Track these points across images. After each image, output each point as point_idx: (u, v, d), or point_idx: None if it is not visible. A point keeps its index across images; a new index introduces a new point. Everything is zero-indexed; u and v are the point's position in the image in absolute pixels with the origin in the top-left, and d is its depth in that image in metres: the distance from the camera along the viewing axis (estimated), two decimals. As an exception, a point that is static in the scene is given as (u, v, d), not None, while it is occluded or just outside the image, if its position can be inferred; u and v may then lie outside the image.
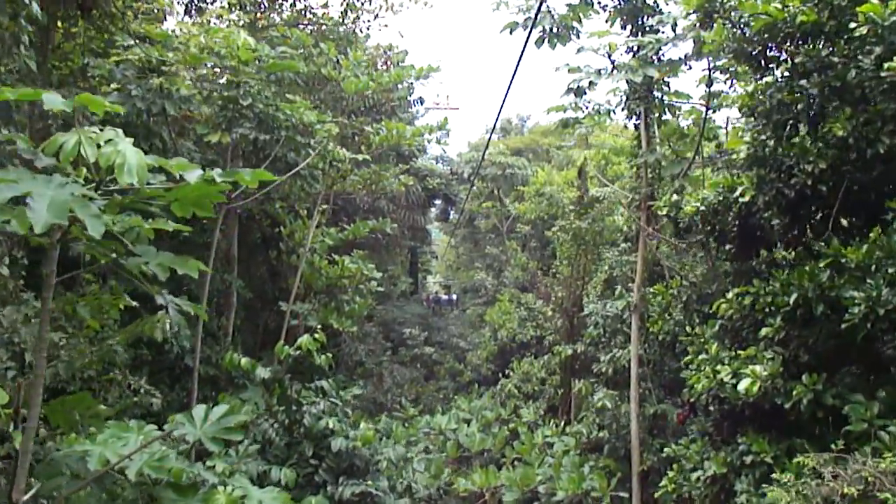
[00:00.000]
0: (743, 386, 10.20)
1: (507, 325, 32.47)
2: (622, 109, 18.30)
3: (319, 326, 21.65)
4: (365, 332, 32.57)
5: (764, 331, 10.72)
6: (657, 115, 17.60)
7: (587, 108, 18.80)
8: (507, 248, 41.70)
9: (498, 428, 22.65)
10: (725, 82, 16.03)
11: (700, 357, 11.69)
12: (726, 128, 19.02)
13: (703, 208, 12.34)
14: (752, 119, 11.93)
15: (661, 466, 16.86)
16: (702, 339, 12.19)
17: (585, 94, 16.71)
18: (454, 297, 50.87)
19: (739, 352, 11.09)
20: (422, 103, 33.72)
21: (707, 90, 15.69)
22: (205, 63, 16.42)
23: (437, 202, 42.97)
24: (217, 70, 17.40)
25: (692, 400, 12.50)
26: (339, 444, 14.24)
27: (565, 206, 27.65)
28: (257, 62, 16.39)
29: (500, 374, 30.83)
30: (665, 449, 13.70)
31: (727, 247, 13.06)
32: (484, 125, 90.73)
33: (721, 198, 12.23)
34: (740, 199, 11.90)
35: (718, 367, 11.05)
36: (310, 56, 21.15)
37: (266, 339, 24.50)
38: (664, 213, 14.44)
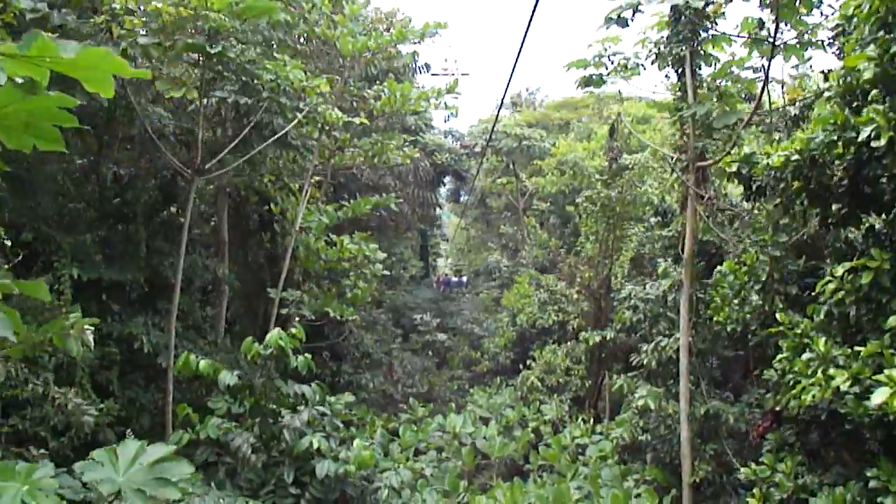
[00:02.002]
0: (879, 399, 7.36)
1: (527, 310, 30.02)
2: (654, 61, 15.80)
3: (312, 316, 19.38)
4: (373, 319, 30.70)
5: (893, 320, 8.03)
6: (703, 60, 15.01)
7: (612, 62, 16.38)
8: (524, 227, 39.25)
9: (521, 430, 19.81)
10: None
11: (805, 356, 8.89)
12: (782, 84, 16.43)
13: (796, 157, 9.48)
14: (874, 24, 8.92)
15: (715, 477, 14.35)
16: (798, 331, 9.42)
17: (628, 24, 14.12)
18: (465, 279, 48.81)
19: (857, 348, 8.36)
20: (428, 70, 31.10)
21: (773, 16, 12.88)
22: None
23: (448, 179, 40.52)
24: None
25: (778, 409, 9.89)
26: (325, 468, 11.43)
27: (591, 176, 24.98)
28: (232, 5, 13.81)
29: (520, 364, 28.46)
30: (742, 470, 11.05)
31: (834, 207, 10.04)
32: (494, 101, 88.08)
33: (828, 142, 9.18)
34: (862, 141, 8.67)
35: (832, 370, 8.32)
36: (301, 16, 18.76)
37: (267, 332, 22.16)
38: (734, 168, 11.68)
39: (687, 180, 14.64)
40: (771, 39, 12.92)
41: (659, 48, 15.83)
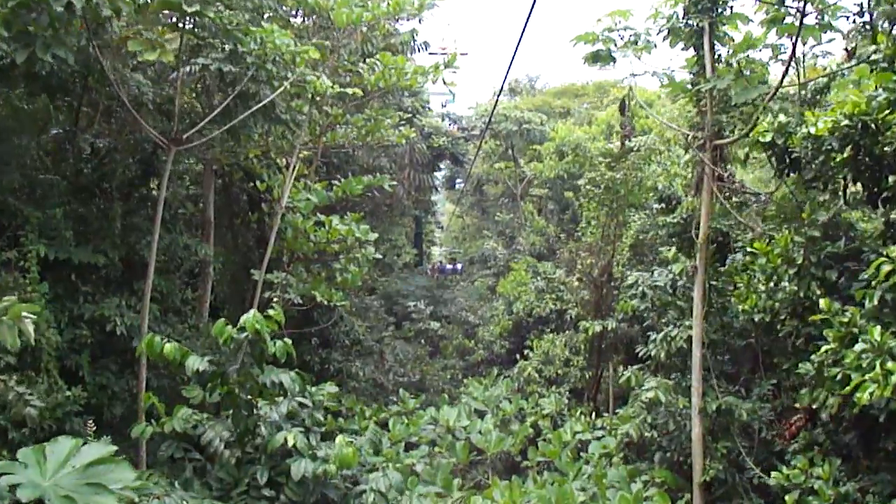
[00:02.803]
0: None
1: (523, 298, 29.11)
2: (666, 37, 14.84)
3: (299, 300, 18.41)
4: (365, 306, 30.01)
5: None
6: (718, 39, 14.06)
7: (622, 38, 15.42)
8: (521, 213, 38.31)
9: (518, 424, 18.62)
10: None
11: (857, 347, 7.79)
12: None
13: (846, 123, 8.39)
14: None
15: (727, 476, 13.39)
16: (844, 320, 8.35)
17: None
18: (459, 266, 48.06)
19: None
20: (427, 48, 30.03)
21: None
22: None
23: (444, 164, 39.59)
24: None
25: (814, 406, 8.88)
26: (302, 468, 10.08)
27: (593, 159, 23.92)
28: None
29: (517, 353, 27.54)
30: (772, 474, 10.06)
31: (892, 180, 8.91)
32: (492, 86, 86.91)
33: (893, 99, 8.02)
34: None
35: (890, 363, 7.26)
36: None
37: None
38: (767, 139, 10.65)
39: (703, 159, 13.60)
40: (796, 15, 11.91)
41: (672, 23, 14.88)
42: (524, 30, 11.12)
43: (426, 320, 34.07)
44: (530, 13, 10.40)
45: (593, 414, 21.13)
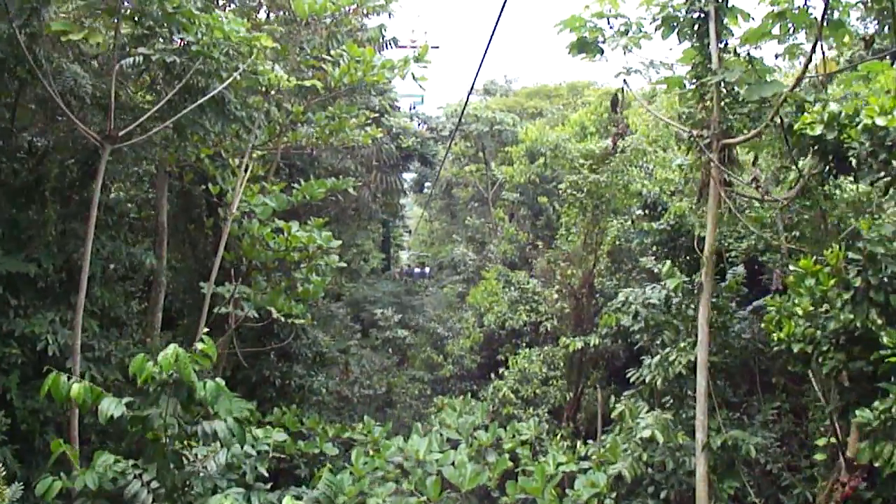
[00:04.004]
0: None
1: (495, 309, 27.60)
2: (660, 26, 13.52)
3: (255, 314, 16.83)
4: (331, 314, 28.53)
5: None
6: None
7: (612, 27, 14.13)
8: (492, 218, 36.97)
9: (495, 454, 16.80)
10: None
11: None
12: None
13: None
14: None
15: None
16: None
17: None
18: (427, 270, 47.08)
19: None
20: (396, 44, 28.46)
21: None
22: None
23: (413, 166, 38.24)
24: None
25: (876, 464, 7.45)
26: None
27: (573, 160, 22.45)
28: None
29: (488, 368, 25.98)
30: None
31: None
32: (463, 87, 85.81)
33: None
34: None
35: None
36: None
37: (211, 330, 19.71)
38: (816, 132, 9.16)
39: (711, 160, 12.12)
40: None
41: (667, 11, 13.51)
42: (495, 28, 10.04)
43: (393, 328, 32.47)
44: (501, 12, 9.37)
45: (574, 438, 19.67)
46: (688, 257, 16.46)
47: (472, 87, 33.46)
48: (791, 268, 10.25)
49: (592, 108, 28.64)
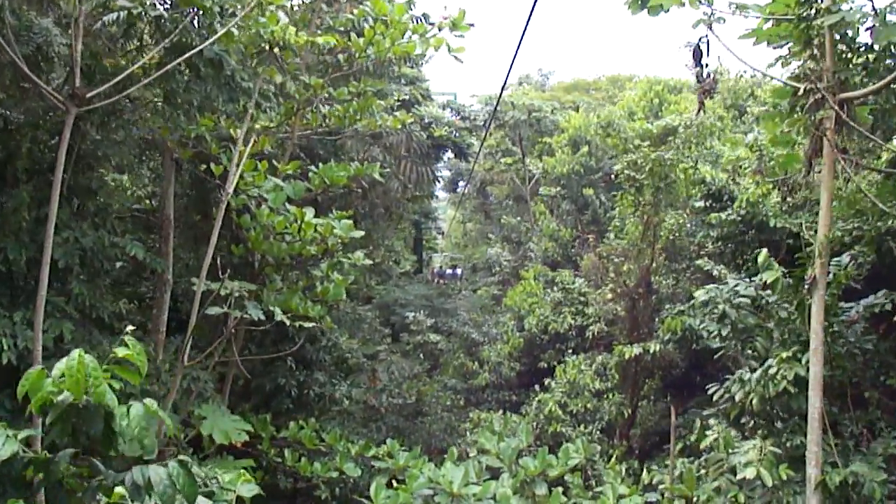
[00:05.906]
0: None
1: (536, 312, 25.31)
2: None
3: (262, 316, 14.52)
4: (358, 317, 26.45)
5: None
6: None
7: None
8: (530, 215, 34.86)
9: (544, 486, 13.80)
10: None
11: None
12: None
13: None
14: None
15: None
16: None
17: None
18: (459, 271, 45.61)
19: None
20: (426, 20, 26.34)
21: None
22: None
23: (446, 157, 36.26)
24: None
25: None
26: None
27: (630, 140, 20.03)
28: None
29: (530, 378, 23.67)
30: None
31: None
32: (497, 80, 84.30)
33: None
34: None
35: None
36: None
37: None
38: None
39: (817, 124, 9.57)
40: None
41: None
42: (530, 16, 8.18)
43: (425, 332, 30.58)
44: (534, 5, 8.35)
45: (628, 457, 17.23)
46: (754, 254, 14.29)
47: (510, 70, 31.22)
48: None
49: (641, 94, 26.52)
